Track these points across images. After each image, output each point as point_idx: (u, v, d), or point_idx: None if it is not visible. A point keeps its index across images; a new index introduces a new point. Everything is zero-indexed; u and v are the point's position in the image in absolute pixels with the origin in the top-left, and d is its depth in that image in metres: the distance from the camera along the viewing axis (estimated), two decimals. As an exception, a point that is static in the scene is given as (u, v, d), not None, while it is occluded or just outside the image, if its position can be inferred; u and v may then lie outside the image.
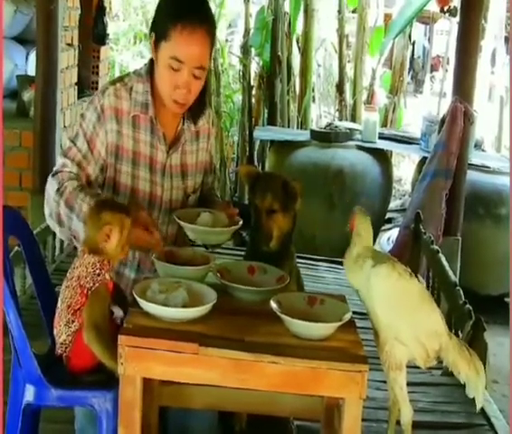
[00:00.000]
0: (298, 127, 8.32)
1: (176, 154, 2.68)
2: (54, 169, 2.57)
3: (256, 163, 8.15)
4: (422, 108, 10.86)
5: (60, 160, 2.58)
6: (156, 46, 2.52)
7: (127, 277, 2.64)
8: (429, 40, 16.01)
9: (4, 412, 2.31)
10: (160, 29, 2.50)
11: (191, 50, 2.46)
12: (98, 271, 2.22)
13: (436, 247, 4.66)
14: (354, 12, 9.18)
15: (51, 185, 2.51)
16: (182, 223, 2.53)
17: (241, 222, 2.62)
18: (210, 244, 2.62)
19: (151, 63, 2.61)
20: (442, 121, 5.50)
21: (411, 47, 10.79)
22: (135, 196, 2.60)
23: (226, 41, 10.48)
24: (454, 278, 4.24)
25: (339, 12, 8.54)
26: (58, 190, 2.47)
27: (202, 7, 2.55)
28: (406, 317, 2.30)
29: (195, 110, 2.68)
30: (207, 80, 2.63)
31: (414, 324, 2.31)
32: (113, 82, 2.64)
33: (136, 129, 2.59)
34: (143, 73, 2.62)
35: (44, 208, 2.53)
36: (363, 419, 2.07)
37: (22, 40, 6.61)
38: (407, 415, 2.35)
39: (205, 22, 2.50)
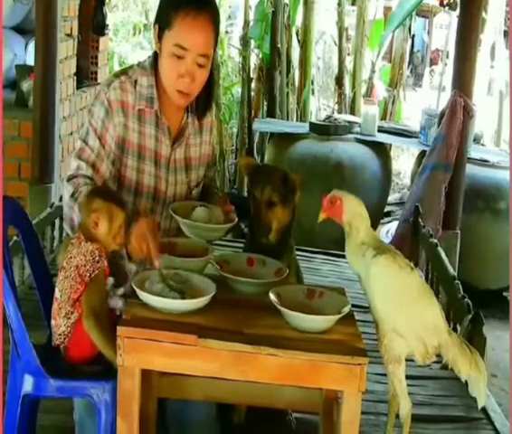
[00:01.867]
0: (297, 120, 8.31)
1: (180, 147, 2.66)
2: (69, 174, 2.55)
3: (255, 155, 8.13)
4: (422, 102, 10.84)
5: (74, 163, 2.56)
6: (159, 37, 2.51)
7: (127, 269, 2.62)
8: (428, 33, 15.98)
9: (3, 402, 2.31)
10: (163, 19, 2.49)
11: (194, 36, 2.44)
12: (97, 258, 2.22)
13: (435, 240, 4.67)
14: (353, 4, 9.16)
15: (66, 191, 2.50)
16: (176, 217, 2.51)
17: (236, 220, 2.60)
18: (205, 240, 2.61)
19: (155, 57, 2.59)
20: (442, 115, 5.50)
21: (410, 40, 10.75)
22: (139, 191, 2.59)
23: (226, 32, 10.44)
24: (453, 271, 4.24)
25: (339, 4, 8.52)
26: (73, 195, 2.46)
27: None
28: (405, 310, 2.29)
29: (202, 104, 2.66)
30: (213, 75, 2.61)
31: (413, 317, 2.30)
32: (117, 75, 2.61)
33: (141, 123, 2.58)
34: (147, 66, 2.60)
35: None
36: (362, 412, 2.07)
37: (21, 30, 6.58)
38: (406, 408, 2.35)
39: (208, 9, 2.49)
